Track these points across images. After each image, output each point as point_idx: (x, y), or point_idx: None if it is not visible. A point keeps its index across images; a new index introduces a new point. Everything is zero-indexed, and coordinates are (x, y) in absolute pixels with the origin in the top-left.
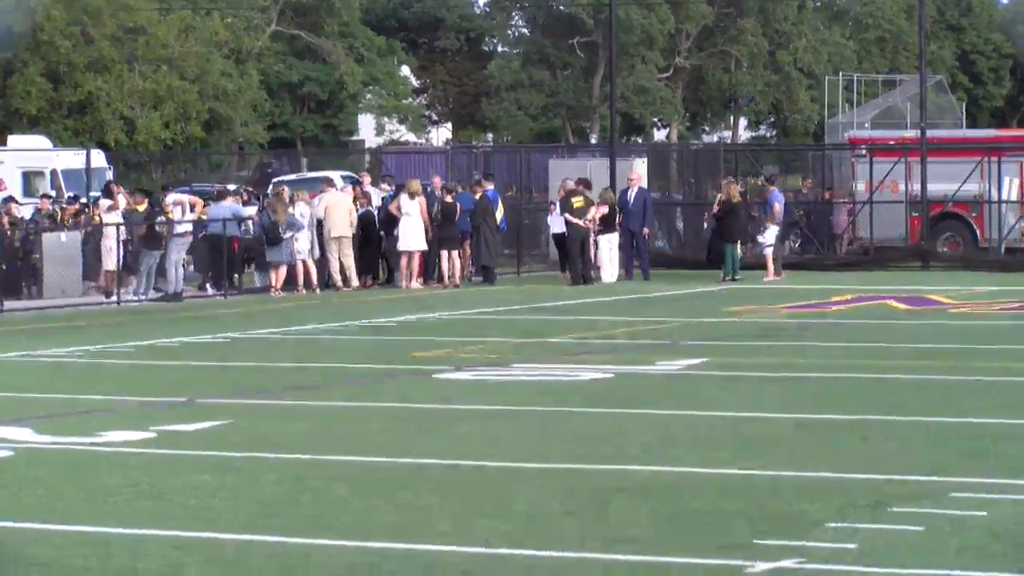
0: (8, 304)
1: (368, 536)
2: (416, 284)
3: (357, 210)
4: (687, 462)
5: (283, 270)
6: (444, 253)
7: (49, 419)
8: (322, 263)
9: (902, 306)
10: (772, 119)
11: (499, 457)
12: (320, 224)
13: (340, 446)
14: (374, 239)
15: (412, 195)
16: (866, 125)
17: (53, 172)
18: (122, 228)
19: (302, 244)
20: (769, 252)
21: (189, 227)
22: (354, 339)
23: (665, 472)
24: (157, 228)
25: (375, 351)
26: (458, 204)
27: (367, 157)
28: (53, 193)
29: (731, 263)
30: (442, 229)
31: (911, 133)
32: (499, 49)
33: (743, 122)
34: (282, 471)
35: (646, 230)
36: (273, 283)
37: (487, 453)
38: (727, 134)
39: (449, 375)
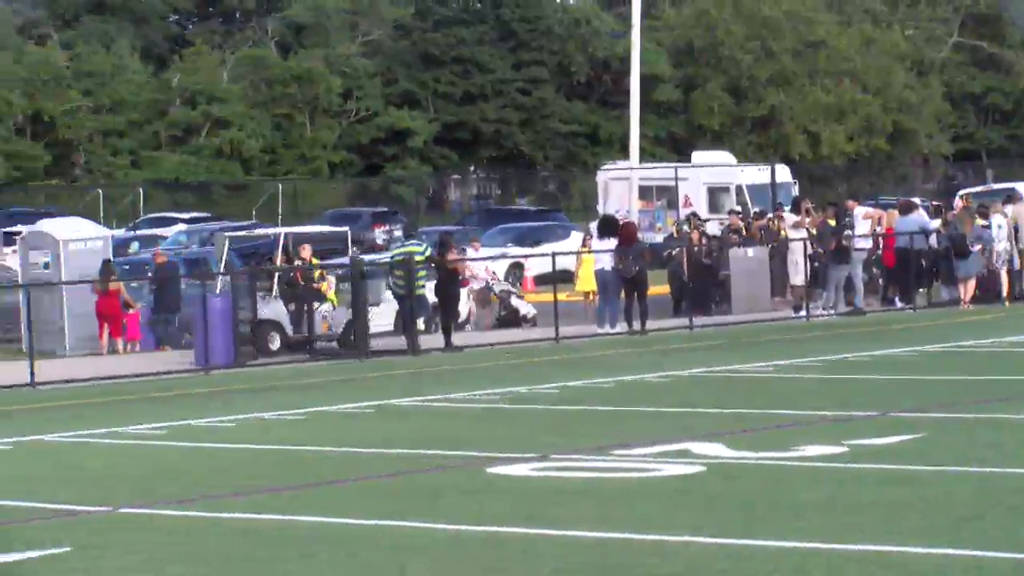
0: (697, 320)
1: None
2: None
3: None
4: None
5: (971, 283)
6: None
7: (744, 434)
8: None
9: None
10: None
11: None
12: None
13: None
14: None
15: None
16: None
17: (738, 187)
18: (808, 243)
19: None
20: None
21: (870, 242)
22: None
23: None
24: (845, 242)
25: None
26: None
27: None
28: (739, 208)
29: None
30: None
31: None
32: None
33: None
34: (970, 484)
35: None
36: (962, 296)
37: None
38: None
39: None
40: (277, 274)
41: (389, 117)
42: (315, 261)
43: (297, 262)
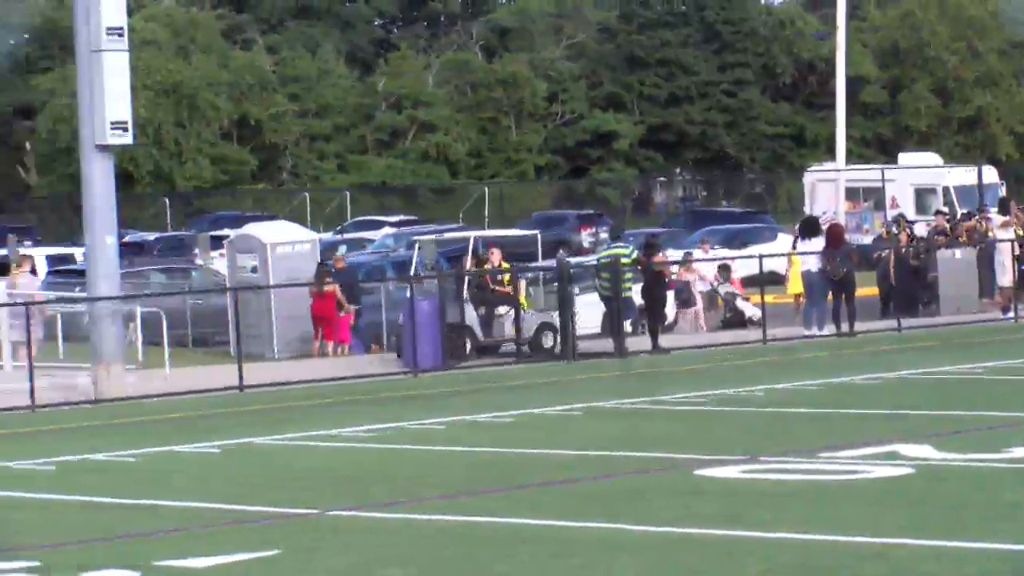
0: (905, 322)
1: None
2: None
3: None
4: None
5: None
6: None
7: (953, 436)
8: None
9: None
10: None
11: None
12: None
13: None
14: None
15: None
16: None
17: (945, 189)
18: (1016, 244)
19: None
20: None
21: None
22: None
23: None
24: None
25: None
26: None
27: None
28: (946, 209)
29: None
30: None
31: None
32: None
33: None
34: None
35: None
36: None
37: None
38: None
39: None
40: (467, 278)
41: (594, 120)
42: (505, 265)
43: (487, 266)
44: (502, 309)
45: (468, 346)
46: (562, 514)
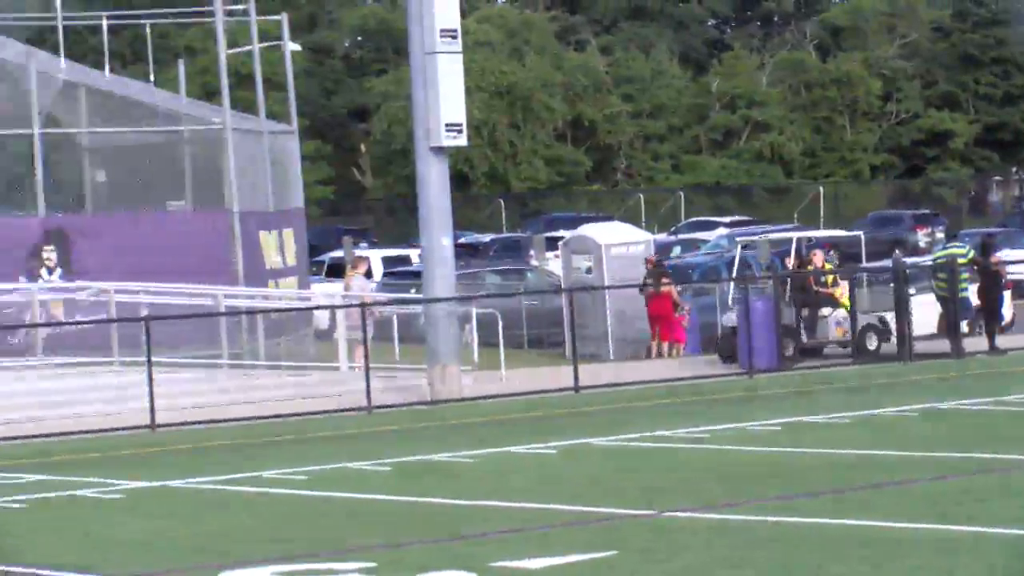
0: None
1: None
2: None
3: None
4: None
5: None
6: None
7: None
8: None
9: None
10: None
11: None
12: None
13: None
14: None
15: None
16: None
17: None
18: None
19: None
20: None
21: None
22: None
23: None
24: None
25: None
26: None
27: None
28: None
29: None
30: None
31: None
32: None
33: None
34: None
35: None
36: None
37: None
38: None
39: None
40: (788, 279)
41: (929, 119)
42: (828, 266)
43: (809, 267)
44: (825, 311)
45: (791, 348)
46: (896, 516)
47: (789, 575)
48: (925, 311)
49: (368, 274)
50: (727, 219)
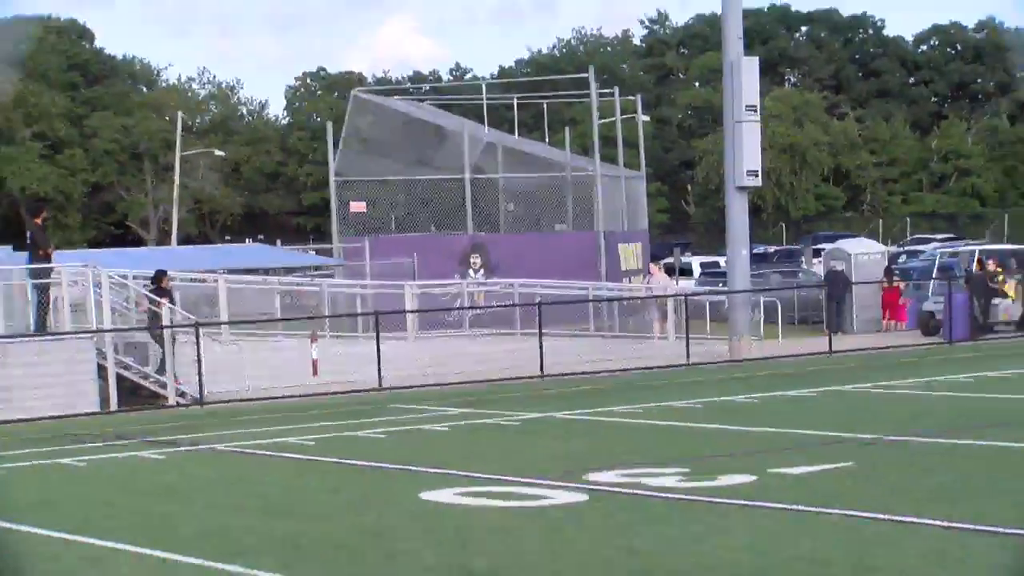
0: None
1: None
2: None
3: None
4: None
5: None
6: None
7: None
8: None
9: None
10: None
11: None
12: None
13: None
14: None
15: None
16: None
17: None
18: None
19: None
20: None
21: None
22: None
23: None
24: None
25: None
26: None
27: None
28: None
29: None
30: None
31: None
32: None
33: None
34: None
35: None
36: None
37: None
38: None
39: None
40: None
41: None
42: (999, 269)
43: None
44: (996, 300)
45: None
46: None
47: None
48: None
49: (670, 272)
50: (939, 236)
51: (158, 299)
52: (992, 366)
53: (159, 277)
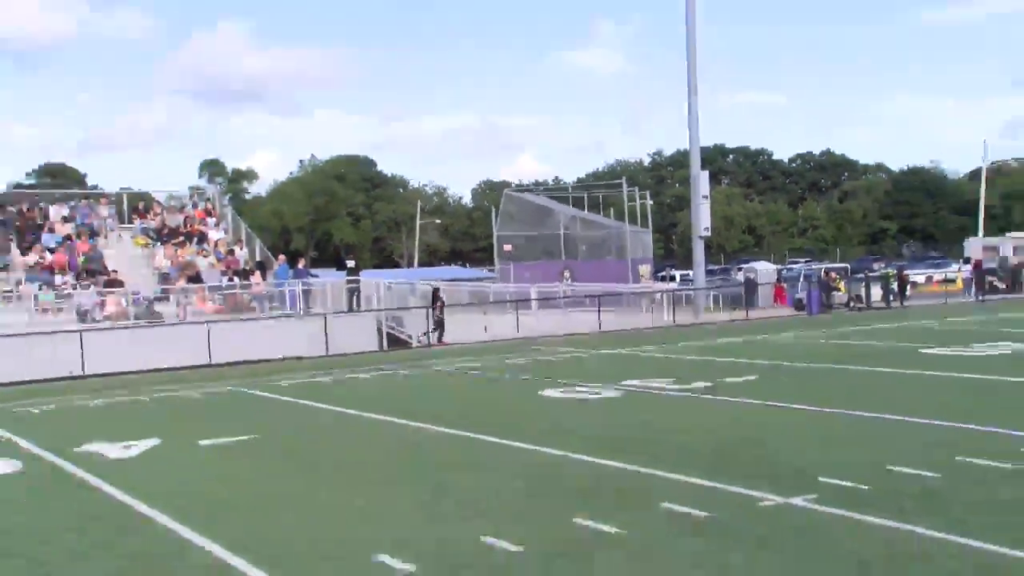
0: None
1: None
2: None
3: None
4: None
5: None
6: None
7: None
8: None
9: None
10: None
11: None
12: None
13: None
14: None
15: None
16: None
17: None
18: None
19: None
20: None
21: None
22: None
23: None
24: None
25: None
26: None
27: None
28: None
29: None
30: None
31: None
32: None
33: None
34: None
35: None
36: None
37: None
38: None
39: None
40: None
41: None
42: (835, 276)
43: None
44: None
45: None
46: None
47: None
48: None
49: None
50: (803, 260)
51: (440, 298)
52: (835, 329)
53: (435, 290)
